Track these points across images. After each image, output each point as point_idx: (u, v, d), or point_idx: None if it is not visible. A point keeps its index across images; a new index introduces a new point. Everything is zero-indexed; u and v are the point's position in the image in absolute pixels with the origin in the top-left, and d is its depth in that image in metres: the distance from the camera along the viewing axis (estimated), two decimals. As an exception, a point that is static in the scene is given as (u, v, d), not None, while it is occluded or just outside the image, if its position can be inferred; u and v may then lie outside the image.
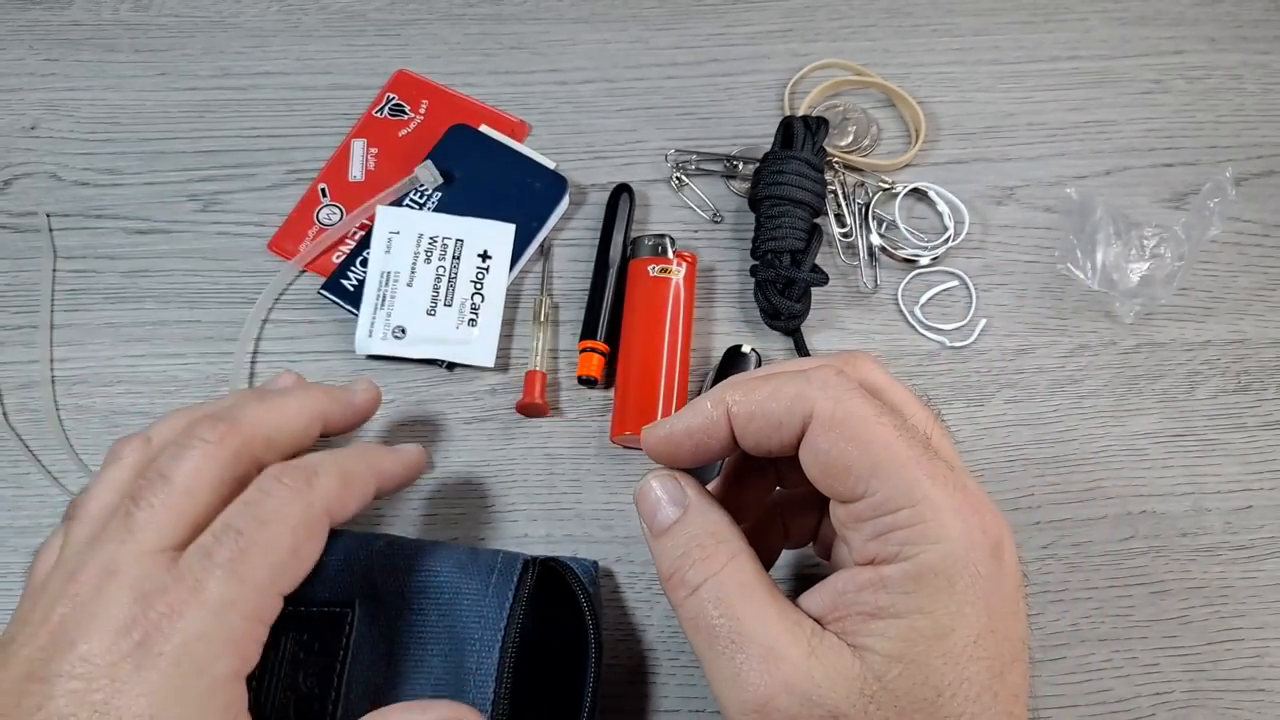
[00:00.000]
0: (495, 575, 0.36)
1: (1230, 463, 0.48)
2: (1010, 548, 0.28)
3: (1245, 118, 0.57)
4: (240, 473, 0.31)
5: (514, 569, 0.36)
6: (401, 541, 0.37)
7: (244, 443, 0.32)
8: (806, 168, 0.50)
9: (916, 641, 0.26)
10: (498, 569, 0.36)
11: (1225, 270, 0.53)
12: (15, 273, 0.51)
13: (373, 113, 0.56)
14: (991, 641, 0.27)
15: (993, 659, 0.27)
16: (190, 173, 0.54)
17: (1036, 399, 0.50)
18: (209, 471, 0.30)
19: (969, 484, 0.28)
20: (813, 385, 0.29)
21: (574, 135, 0.56)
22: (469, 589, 0.35)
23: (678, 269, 0.49)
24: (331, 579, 0.35)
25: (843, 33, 0.59)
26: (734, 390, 0.30)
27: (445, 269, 0.50)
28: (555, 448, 0.48)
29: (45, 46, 0.57)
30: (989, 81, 0.58)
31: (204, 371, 0.49)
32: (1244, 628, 0.45)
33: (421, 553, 0.37)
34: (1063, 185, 0.54)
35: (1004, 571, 0.27)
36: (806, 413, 0.28)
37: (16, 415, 0.48)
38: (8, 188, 0.53)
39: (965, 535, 0.27)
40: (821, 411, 0.28)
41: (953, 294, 0.52)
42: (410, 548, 0.37)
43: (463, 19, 0.59)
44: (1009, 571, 0.28)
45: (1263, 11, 0.61)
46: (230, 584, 0.28)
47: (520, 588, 0.35)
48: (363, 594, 0.35)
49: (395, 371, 0.49)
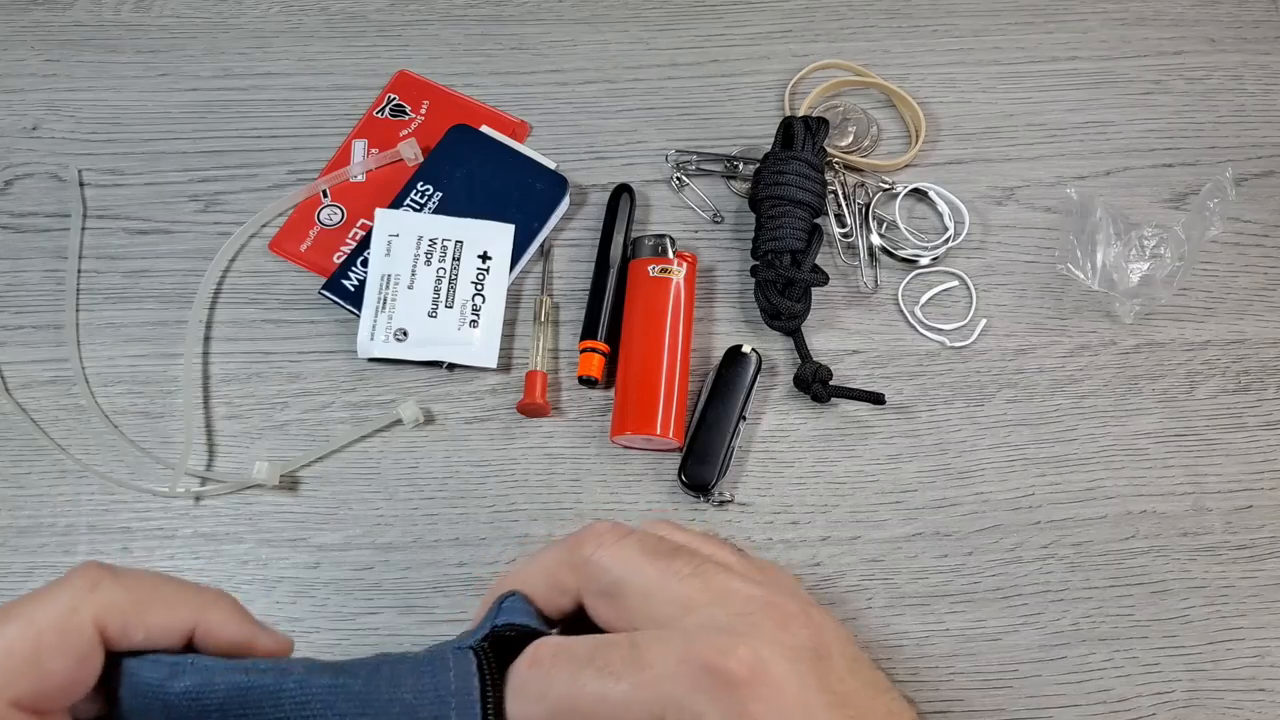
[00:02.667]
0: (454, 706, 0.27)
1: (1230, 462, 0.49)
2: (776, 660, 0.26)
3: (1245, 118, 0.57)
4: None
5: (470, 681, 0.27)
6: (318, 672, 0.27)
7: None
8: (807, 168, 0.50)
9: None
10: (453, 696, 0.27)
11: (1225, 270, 0.53)
12: (15, 273, 0.51)
13: (374, 113, 0.56)
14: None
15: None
16: (191, 173, 0.54)
17: (1037, 399, 0.50)
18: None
19: (700, 633, 0.27)
20: (518, 699, 0.27)
21: (574, 136, 0.56)
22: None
23: (678, 269, 0.49)
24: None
25: (843, 33, 0.59)
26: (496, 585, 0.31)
27: (446, 270, 0.50)
28: (556, 448, 0.48)
29: (47, 47, 0.57)
30: (989, 82, 0.58)
31: (205, 372, 0.49)
32: (1244, 627, 0.45)
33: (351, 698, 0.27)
34: (1063, 185, 0.54)
35: (777, 692, 0.26)
36: (561, 587, 0.30)
37: (16, 415, 0.48)
38: (9, 188, 0.53)
39: (714, 699, 0.25)
40: (544, 713, 0.27)
41: (953, 294, 0.52)
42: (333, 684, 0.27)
43: (464, 20, 0.59)
44: (781, 687, 0.26)
45: (1263, 12, 0.61)
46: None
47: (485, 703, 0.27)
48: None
49: (396, 372, 0.50)
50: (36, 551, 0.46)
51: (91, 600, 0.26)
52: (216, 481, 0.47)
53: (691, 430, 0.48)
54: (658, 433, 0.46)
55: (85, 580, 0.26)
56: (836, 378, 0.49)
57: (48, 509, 0.46)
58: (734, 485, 0.48)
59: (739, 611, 0.28)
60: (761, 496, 0.47)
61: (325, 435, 0.48)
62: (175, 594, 0.28)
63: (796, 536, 0.47)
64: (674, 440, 0.47)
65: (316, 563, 0.46)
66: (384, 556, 0.46)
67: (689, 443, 0.47)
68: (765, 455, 0.48)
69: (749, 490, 0.48)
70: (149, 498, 0.47)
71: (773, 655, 0.26)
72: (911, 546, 0.46)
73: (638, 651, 0.27)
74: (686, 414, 0.48)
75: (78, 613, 0.26)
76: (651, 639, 0.27)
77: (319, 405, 0.49)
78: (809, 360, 0.49)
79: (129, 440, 0.48)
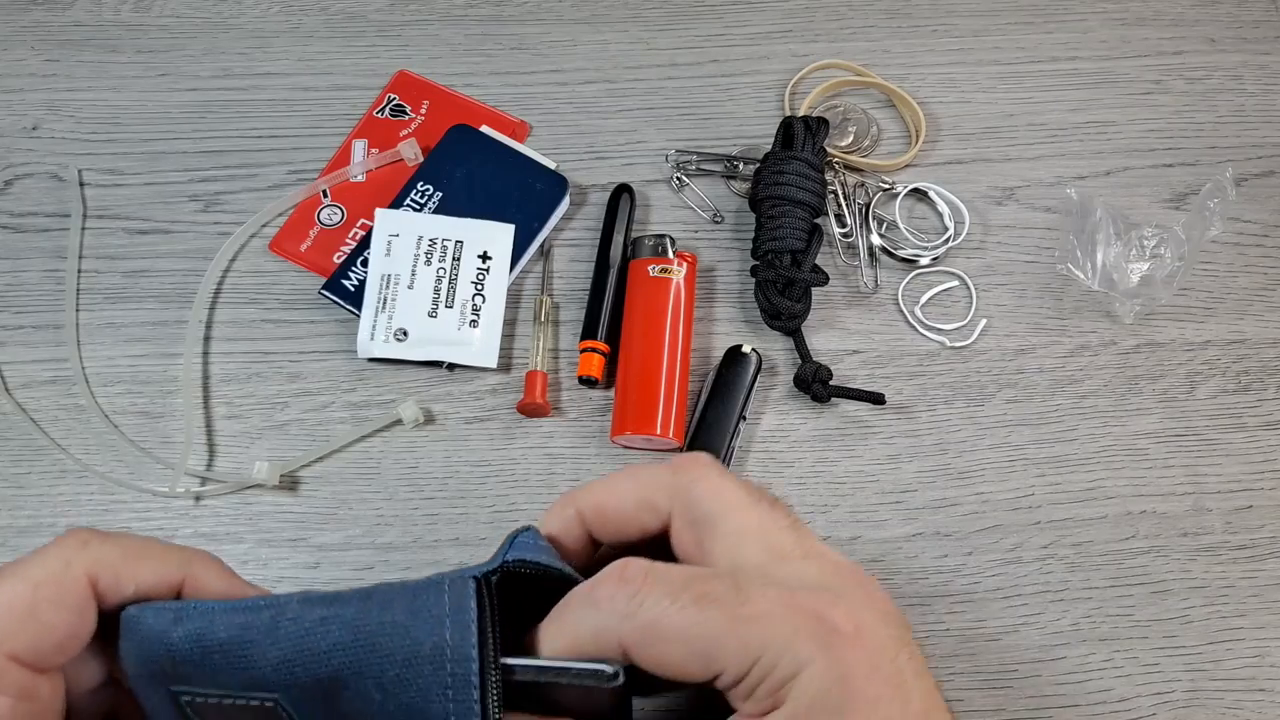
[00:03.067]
0: (448, 629, 0.26)
1: (1230, 462, 0.49)
2: (873, 632, 0.27)
3: (1245, 118, 0.57)
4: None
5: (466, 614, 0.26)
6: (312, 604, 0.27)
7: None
8: (807, 168, 0.50)
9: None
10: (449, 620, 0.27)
11: (1225, 270, 0.53)
12: (15, 273, 0.51)
13: (374, 113, 0.56)
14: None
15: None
16: (191, 173, 0.54)
17: (1037, 399, 0.50)
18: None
19: (798, 590, 0.27)
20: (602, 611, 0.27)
21: (574, 136, 0.56)
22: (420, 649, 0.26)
23: (678, 269, 0.49)
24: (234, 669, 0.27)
25: (843, 33, 0.59)
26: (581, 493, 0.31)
27: (446, 270, 0.50)
28: (556, 447, 0.48)
29: (47, 47, 0.57)
30: (989, 82, 0.58)
31: (205, 372, 0.49)
32: (1245, 627, 0.45)
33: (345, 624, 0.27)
34: (1063, 185, 0.54)
35: (872, 660, 0.26)
36: (652, 506, 0.30)
37: (16, 415, 0.48)
38: (9, 188, 0.53)
39: (820, 651, 0.26)
40: (625, 637, 0.27)
41: (953, 294, 0.52)
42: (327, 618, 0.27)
43: (464, 20, 0.59)
44: (878, 657, 0.26)
45: (1263, 12, 0.61)
46: None
47: (484, 623, 0.27)
48: (283, 684, 0.27)
49: (396, 372, 0.50)
50: (36, 551, 0.46)
51: (83, 556, 0.27)
52: (216, 481, 0.47)
53: (691, 430, 0.48)
54: (658, 433, 0.46)
55: (75, 540, 0.27)
56: (836, 378, 0.49)
57: (48, 509, 0.46)
58: (734, 485, 0.48)
59: (831, 573, 0.28)
60: (761, 496, 0.47)
61: (325, 435, 0.48)
62: (162, 551, 0.28)
63: (796, 536, 0.46)
64: (674, 440, 0.47)
65: (316, 563, 0.46)
66: (384, 556, 0.46)
67: (689, 443, 0.47)
68: (765, 455, 0.48)
69: (749, 490, 0.48)
70: (149, 498, 0.47)
71: (869, 617, 0.27)
72: (911, 546, 0.46)
73: (740, 589, 0.27)
74: (686, 414, 0.48)
75: (71, 567, 0.27)
76: (753, 579, 0.27)
77: (319, 405, 0.49)
78: (809, 360, 0.49)
79: (129, 440, 0.48)
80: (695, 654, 0.26)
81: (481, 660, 0.26)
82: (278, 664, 0.27)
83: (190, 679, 0.27)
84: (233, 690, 0.27)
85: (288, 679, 0.27)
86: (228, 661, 0.27)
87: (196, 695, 0.27)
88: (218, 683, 0.27)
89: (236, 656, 0.27)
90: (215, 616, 0.27)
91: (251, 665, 0.27)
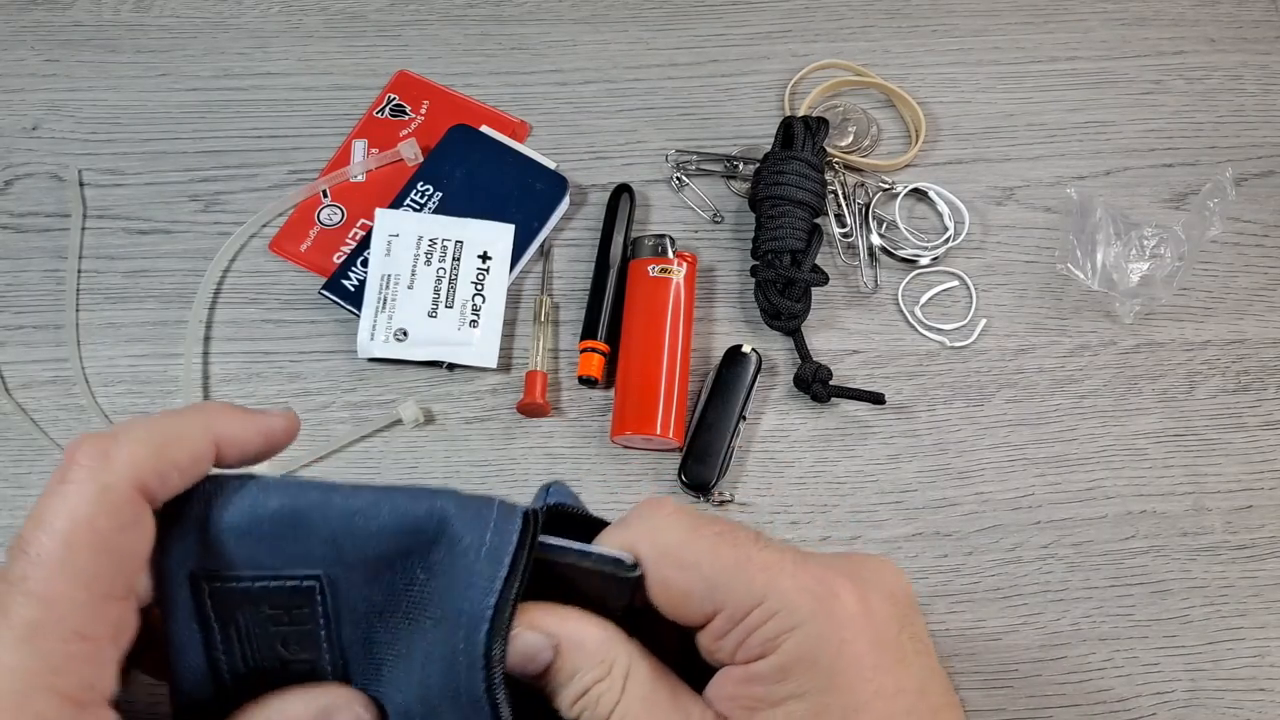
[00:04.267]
0: (490, 532, 0.29)
1: (1230, 462, 0.49)
2: (880, 610, 0.27)
3: (1245, 118, 0.57)
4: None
5: (511, 526, 0.28)
6: (366, 492, 0.29)
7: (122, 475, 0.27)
8: (807, 168, 0.50)
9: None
10: (493, 524, 0.29)
11: (1225, 270, 0.53)
12: (15, 273, 0.51)
13: (374, 113, 0.56)
14: (880, 705, 0.26)
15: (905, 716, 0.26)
16: (191, 173, 0.54)
17: (1036, 399, 0.50)
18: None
19: (811, 558, 0.28)
20: (631, 530, 0.29)
21: (574, 136, 0.56)
22: (461, 545, 0.29)
23: (678, 269, 0.49)
24: (278, 542, 0.28)
25: (842, 33, 0.59)
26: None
27: (445, 270, 0.50)
28: (556, 447, 0.48)
29: (47, 47, 0.57)
30: (989, 82, 0.58)
31: (205, 372, 0.49)
32: (1245, 627, 0.45)
33: (395, 509, 0.29)
34: (1063, 185, 0.54)
35: (877, 634, 0.27)
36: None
37: (16, 415, 0.48)
38: (9, 188, 0.53)
39: (820, 611, 0.26)
40: (642, 553, 0.28)
41: (953, 294, 0.52)
42: (379, 500, 0.29)
43: (463, 20, 0.59)
44: (884, 633, 0.27)
45: (1263, 12, 0.61)
46: (32, 606, 0.24)
47: (520, 551, 0.28)
48: (328, 560, 0.28)
49: (396, 372, 0.50)
50: (36, 551, 0.46)
51: (118, 472, 0.25)
52: (216, 481, 0.47)
53: (691, 430, 0.48)
54: (658, 432, 0.46)
55: (94, 451, 0.25)
56: (836, 378, 0.49)
57: (48, 509, 0.46)
58: (734, 485, 0.48)
59: (841, 558, 0.29)
60: (761, 496, 0.47)
61: (325, 435, 0.48)
62: (177, 424, 0.27)
63: (796, 536, 0.46)
64: (674, 440, 0.47)
65: (316, 563, 0.46)
66: (384, 556, 0.46)
67: (689, 442, 0.47)
68: (765, 455, 0.48)
69: (749, 490, 0.48)
70: (149, 498, 0.47)
71: (876, 595, 0.27)
72: (911, 546, 0.46)
73: (759, 541, 0.28)
74: (686, 414, 0.48)
75: (113, 490, 0.25)
76: (774, 540, 0.28)
77: (319, 405, 0.49)
78: (809, 360, 0.49)
79: (129, 440, 0.48)
80: (703, 582, 0.27)
81: (512, 566, 0.28)
82: (326, 539, 0.28)
83: (225, 558, 0.27)
84: (271, 569, 0.28)
85: (333, 555, 0.28)
86: (276, 531, 0.27)
87: (226, 580, 0.27)
88: (255, 561, 0.27)
89: (286, 527, 0.27)
90: (268, 489, 0.28)
91: (299, 539, 0.28)
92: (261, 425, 0.29)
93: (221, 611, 0.28)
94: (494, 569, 0.28)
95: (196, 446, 0.27)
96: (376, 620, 0.29)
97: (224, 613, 0.28)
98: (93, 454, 0.25)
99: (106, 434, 0.26)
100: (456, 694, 0.28)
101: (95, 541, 0.25)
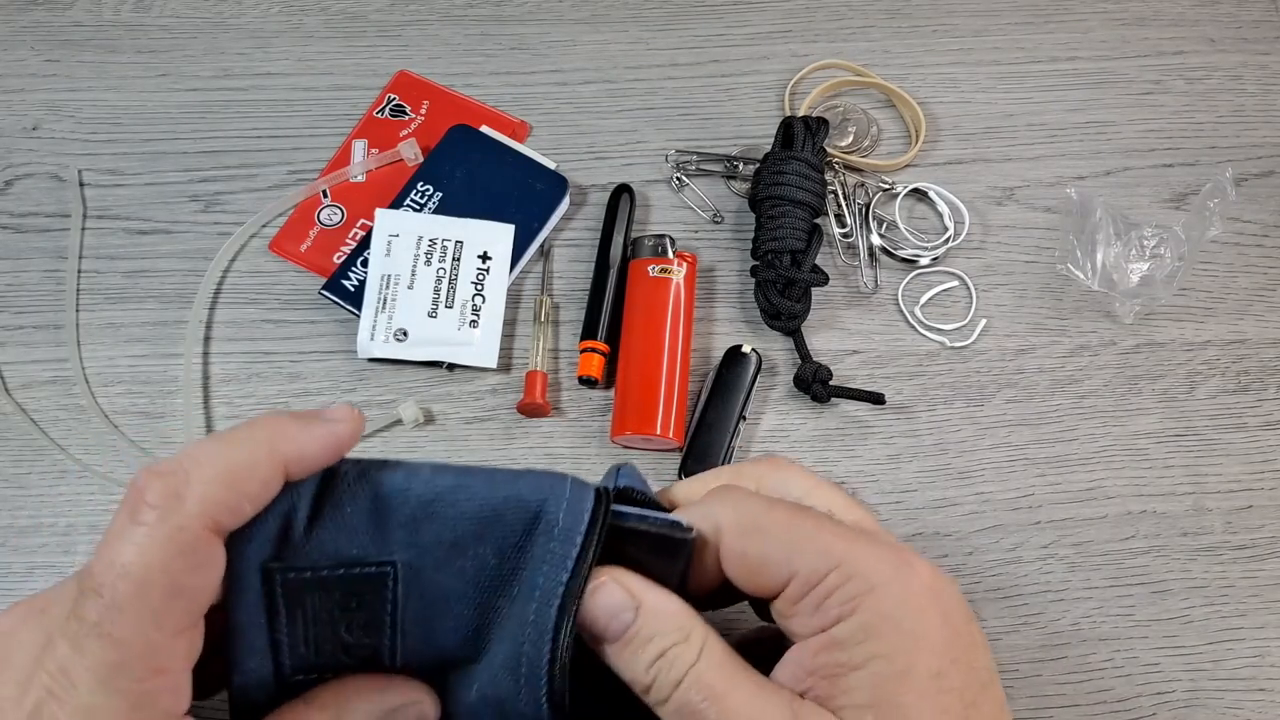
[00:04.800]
0: (563, 513, 0.29)
1: (1230, 462, 0.49)
2: (947, 588, 0.29)
3: (1245, 118, 0.57)
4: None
5: (583, 506, 0.29)
6: (443, 475, 0.30)
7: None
8: (807, 168, 0.50)
9: (881, 685, 0.27)
10: (565, 505, 0.29)
11: (1225, 270, 0.53)
12: (15, 273, 0.51)
13: (374, 113, 0.56)
14: (956, 673, 0.27)
15: (962, 689, 0.27)
16: (191, 173, 0.54)
17: (1037, 399, 0.50)
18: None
19: (887, 539, 0.30)
20: (711, 505, 0.30)
21: (574, 136, 0.56)
22: (537, 527, 0.29)
23: (678, 269, 0.49)
24: (356, 530, 0.29)
25: (842, 33, 0.59)
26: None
27: (446, 271, 0.50)
28: (556, 448, 0.48)
29: (47, 47, 0.57)
30: (989, 82, 0.58)
31: (205, 372, 0.49)
32: (1245, 627, 0.45)
33: (473, 495, 0.29)
34: (1063, 185, 0.54)
35: (946, 606, 0.28)
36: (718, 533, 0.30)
37: (16, 415, 0.48)
38: (9, 188, 0.53)
39: (897, 577, 0.28)
40: (724, 525, 0.29)
41: (953, 294, 0.52)
42: (458, 486, 0.29)
43: (463, 20, 0.59)
44: (951, 606, 0.28)
45: (1263, 12, 0.61)
46: (110, 650, 0.24)
47: (592, 530, 0.29)
48: (404, 545, 0.29)
49: (396, 373, 0.50)
50: (36, 551, 0.46)
51: (191, 513, 0.25)
52: (216, 481, 0.47)
53: (691, 430, 0.48)
54: (658, 432, 0.46)
55: (166, 490, 0.25)
56: (836, 378, 0.49)
57: (48, 509, 0.46)
58: (734, 485, 0.48)
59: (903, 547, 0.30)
60: (761, 496, 0.47)
61: (325, 435, 0.48)
62: (245, 452, 0.27)
63: (796, 536, 0.47)
64: (674, 440, 0.47)
65: (316, 563, 0.46)
66: (384, 556, 0.46)
67: (689, 443, 0.47)
68: (765, 455, 0.48)
69: (749, 490, 0.48)
70: (149, 498, 0.47)
71: (944, 580, 0.29)
72: (912, 546, 0.46)
73: (833, 517, 0.30)
74: (686, 414, 0.48)
75: (186, 531, 0.25)
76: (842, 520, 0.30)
77: (319, 405, 0.49)
78: (809, 360, 0.49)
79: (129, 440, 0.48)
80: (779, 546, 0.28)
81: (584, 546, 0.29)
82: (406, 522, 0.28)
83: (302, 551, 0.27)
84: (347, 558, 0.28)
85: (411, 539, 0.29)
86: (354, 524, 0.28)
87: (300, 571, 0.28)
88: (333, 551, 0.28)
89: (365, 518, 0.28)
90: (349, 482, 0.28)
91: (378, 527, 0.28)
92: (328, 439, 0.28)
93: (291, 599, 0.28)
94: (567, 548, 0.29)
95: (266, 474, 0.27)
96: (442, 604, 0.30)
97: (293, 599, 0.28)
98: (164, 494, 0.25)
99: (176, 470, 0.26)
100: (517, 667, 0.29)
101: (169, 585, 0.25)
